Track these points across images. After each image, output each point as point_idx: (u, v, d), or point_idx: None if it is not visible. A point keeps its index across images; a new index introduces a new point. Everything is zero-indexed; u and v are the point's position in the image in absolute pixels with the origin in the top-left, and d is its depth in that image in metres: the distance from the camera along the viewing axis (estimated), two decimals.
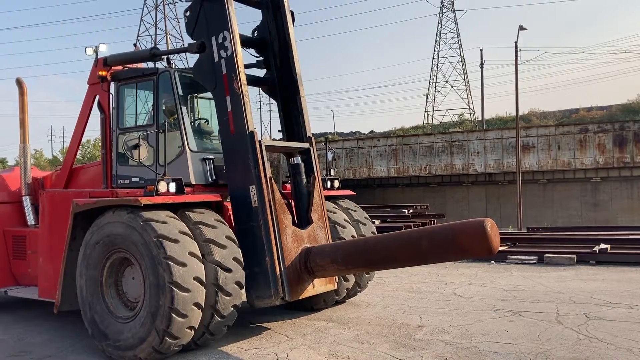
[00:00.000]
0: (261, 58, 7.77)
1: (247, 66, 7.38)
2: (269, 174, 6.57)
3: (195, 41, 6.95)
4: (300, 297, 6.69)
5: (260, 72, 7.82)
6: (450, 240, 5.65)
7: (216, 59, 6.78)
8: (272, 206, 6.45)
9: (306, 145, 7.40)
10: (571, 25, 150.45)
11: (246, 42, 7.48)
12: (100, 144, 8.14)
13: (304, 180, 7.27)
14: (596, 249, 12.53)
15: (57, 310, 6.86)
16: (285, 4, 7.56)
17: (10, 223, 8.64)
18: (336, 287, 7.43)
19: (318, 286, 6.93)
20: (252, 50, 7.74)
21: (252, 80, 7.59)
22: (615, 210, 30.66)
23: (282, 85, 7.65)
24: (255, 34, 7.73)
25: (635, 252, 12.47)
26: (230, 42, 6.66)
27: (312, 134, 7.65)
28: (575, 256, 12.15)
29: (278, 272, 6.32)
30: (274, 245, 6.35)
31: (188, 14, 7.06)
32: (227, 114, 6.73)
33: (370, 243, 6.49)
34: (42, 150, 70.76)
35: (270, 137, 59.98)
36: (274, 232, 6.39)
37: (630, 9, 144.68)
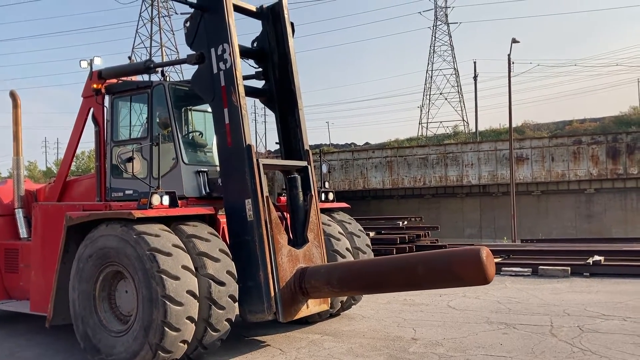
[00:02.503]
0: (260, 69, 7.77)
1: (245, 77, 7.36)
2: (265, 192, 6.55)
3: (194, 52, 6.94)
4: (294, 318, 6.68)
5: (259, 83, 7.82)
6: (446, 268, 5.69)
7: (215, 71, 6.77)
8: (269, 225, 6.43)
9: (304, 163, 7.38)
10: (563, 38, 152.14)
11: (245, 53, 7.47)
12: (94, 156, 8.13)
13: (301, 195, 7.25)
14: (590, 260, 12.55)
15: (49, 324, 6.81)
16: (286, 15, 7.56)
17: (2, 236, 8.59)
18: (329, 307, 7.42)
19: (312, 306, 6.92)
20: (251, 61, 7.74)
21: (251, 92, 7.57)
22: (609, 222, 30.79)
23: (281, 97, 7.65)
24: (255, 45, 7.72)
25: (629, 264, 12.50)
26: (230, 54, 6.66)
27: (308, 145, 7.64)
28: (569, 268, 12.17)
29: (272, 287, 6.29)
30: (268, 260, 6.32)
31: (188, 24, 7.02)
32: (225, 127, 6.72)
33: (366, 267, 6.50)
34: (36, 162, 70.61)
35: (265, 148, 60.04)
36: (268, 247, 6.36)
37: (621, 22, 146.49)
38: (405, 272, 6.01)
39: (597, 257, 12.73)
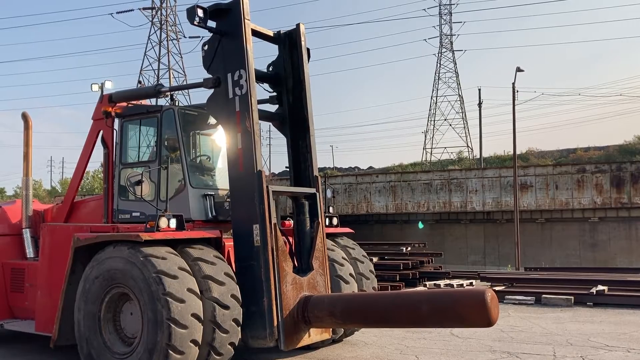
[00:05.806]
0: (274, 93, 7.82)
1: (259, 101, 7.36)
2: (273, 219, 6.58)
3: (211, 76, 7.00)
4: (296, 347, 6.68)
5: (272, 107, 7.89)
6: (450, 308, 5.69)
7: (230, 96, 6.83)
8: (275, 252, 6.46)
9: (312, 190, 7.41)
10: (567, 67, 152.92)
11: (261, 77, 7.52)
12: (102, 177, 8.23)
13: (308, 221, 7.28)
14: (593, 290, 12.51)
15: (53, 344, 6.85)
16: (302, 42, 7.59)
17: (9, 255, 8.66)
18: (331, 335, 7.41)
19: (314, 335, 6.92)
20: (265, 85, 7.78)
21: (264, 116, 7.62)
22: (613, 251, 30.59)
23: (293, 122, 7.71)
24: (271, 69, 7.78)
25: (633, 294, 12.44)
26: (246, 80, 6.71)
27: (317, 171, 7.66)
28: (572, 297, 12.13)
29: (275, 314, 6.30)
30: (272, 287, 6.35)
31: (206, 47, 7.06)
32: (237, 151, 6.78)
33: (370, 301, 6.51)
34: (41, 181, 70.61)
35: (270, 170, 60.11)
36: (273, 274, 6.39)
37: (624, 53, 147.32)
38: (408, 310, 6.00)
39: (600, 287, 12.69)
